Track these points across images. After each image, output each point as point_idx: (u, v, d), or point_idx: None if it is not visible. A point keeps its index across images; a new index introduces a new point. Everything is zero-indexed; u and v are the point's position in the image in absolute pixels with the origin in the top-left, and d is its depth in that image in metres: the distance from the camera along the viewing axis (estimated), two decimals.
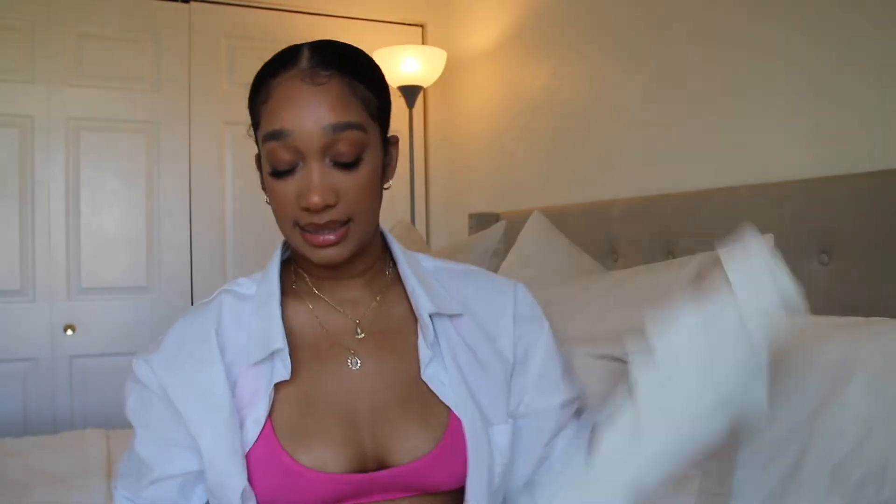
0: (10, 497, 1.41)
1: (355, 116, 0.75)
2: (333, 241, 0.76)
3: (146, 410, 0.80)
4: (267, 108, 0.75)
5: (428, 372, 0.81)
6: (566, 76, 2.17)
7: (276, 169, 0.75)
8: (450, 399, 0.80)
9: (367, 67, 0.80)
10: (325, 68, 0.75)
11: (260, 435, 0.76)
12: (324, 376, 0.80)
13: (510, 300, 0.88)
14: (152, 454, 0.79)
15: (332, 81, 0.74)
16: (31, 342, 2.44)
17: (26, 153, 2.43)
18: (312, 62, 0.75)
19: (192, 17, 2.63)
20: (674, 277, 1.01)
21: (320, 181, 0.74)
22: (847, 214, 1.19)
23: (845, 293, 1.20)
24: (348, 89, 0.75)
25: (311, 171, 0.74)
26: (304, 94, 0.73)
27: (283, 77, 0.75)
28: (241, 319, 0.82)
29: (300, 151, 0.74)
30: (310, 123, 0.73)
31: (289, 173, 0.75)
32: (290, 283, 0.87)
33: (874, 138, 1.23)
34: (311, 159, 0.74)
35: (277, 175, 0.75)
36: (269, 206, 0.80)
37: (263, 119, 0.76)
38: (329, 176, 0.74)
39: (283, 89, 0.74)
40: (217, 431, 0.76)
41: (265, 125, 0.76)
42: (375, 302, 0.86)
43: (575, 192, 2.11)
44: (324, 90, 0.74)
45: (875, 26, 1.23)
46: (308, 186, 0.74)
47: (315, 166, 0.74)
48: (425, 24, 2.97)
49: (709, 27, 1.60)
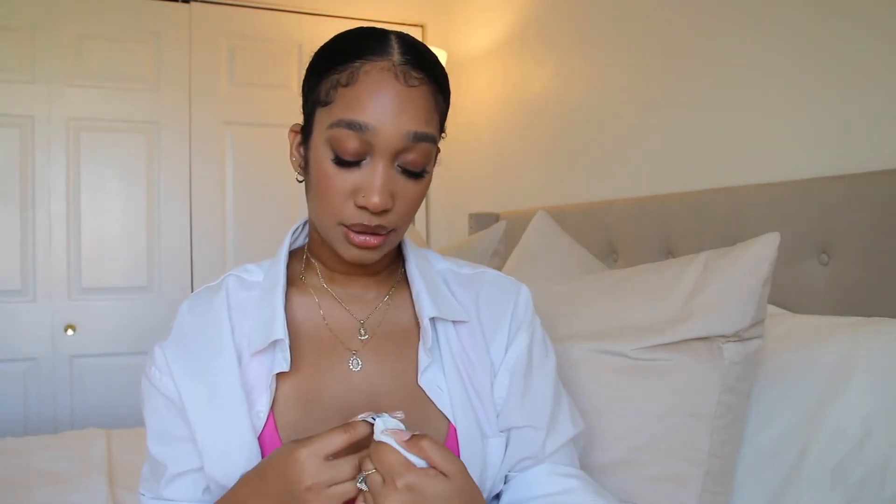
0: (10, 497, 1.41)
1: (433, 128, 0.73)
2: (373, 245, 0.74)
3: (153, 407, 0.80)
4: (349, 93, 0.70)
5: (425, 378, 0.79)
6: (566, 76, 2.17)
7: (342, 158, 0.71)
8: (447, 406, 0.79)
9: (446, 78, 0.77)
10: (416, 69, 0.71)
11: (264, 428, 0.75)
12: (325, 374, 0.80)
13: (510, 304, 0.86)
14: (163, 452, 0.79)
15: (422, 87, 0.72)
16: (31, 342, 2.45)
17: (26, 153, 2.43)
18: (405, 58, 0.71)
19: (192, 17, 2.63)
20: (677, 275, 1.01)
21: (385, 183, 0.71)
22: (847, 214, 1.19)
23: (845, 293, 1.20)
24: (433, 99, 0.73)
25: (377, 170, 0.71)
26: (395, 93, 0.70)
27: (373, 65, 0.70)
28: (245, 307, 0.81)
29: (373, 147, 0.70)
30: (394, 125, 0.70)
31: (353, 165, 0.71)
32: (298, 273, 0.85)
33: (874, 138, 1.23)
34: (382, 158, 0.71)
35: (340, 164, 0.71)
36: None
37: (340, 102, 0.71)
38: (393, 180, 0.72)
39: (371, 80, 0.70)
40: (227, 417, 0.75)
41: (342, 110, 0.70)
42: (383, 302, 0.84)
43: (575, 192, 2.11)
44: (414, 94, 0.71)
45: (875, 26, 1.23)
46: (371, 185, 0.71)
47: (383, 166, 0.71)
48: (425, 24, 2.97)
49: (709, 28, 1.60)
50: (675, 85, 1.70)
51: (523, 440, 0.82)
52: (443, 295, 0.83)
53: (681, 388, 0.94)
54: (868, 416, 0.90)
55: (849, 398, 0.91)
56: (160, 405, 0.79)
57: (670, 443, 0.94)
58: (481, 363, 0.82)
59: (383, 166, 0.71)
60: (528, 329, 0.86)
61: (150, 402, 0.80)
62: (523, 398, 0.83)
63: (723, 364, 0.92)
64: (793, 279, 1.27)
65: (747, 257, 0.93)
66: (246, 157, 2.72)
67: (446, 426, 0.78)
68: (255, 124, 2.70)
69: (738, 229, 1.39)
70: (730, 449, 0.94)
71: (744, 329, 0.91)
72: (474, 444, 0.78)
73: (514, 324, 0.85)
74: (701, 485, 0.92)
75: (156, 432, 0.80)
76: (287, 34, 2.77)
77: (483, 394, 0.81)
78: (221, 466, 0.75)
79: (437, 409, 0.79)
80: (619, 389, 0.97)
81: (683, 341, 0.95)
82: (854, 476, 0.88)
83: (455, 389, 0.79)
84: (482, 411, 0.81)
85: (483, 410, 0.81)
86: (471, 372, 0.82)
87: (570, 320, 1.05)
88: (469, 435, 0.78)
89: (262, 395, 0.76)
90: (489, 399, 0.82)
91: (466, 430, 0.78)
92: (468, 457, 0.77)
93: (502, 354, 0.84)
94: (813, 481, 0.90)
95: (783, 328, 1.07)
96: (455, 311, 0.83)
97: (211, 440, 0.76)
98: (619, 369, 0.99)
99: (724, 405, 0.92)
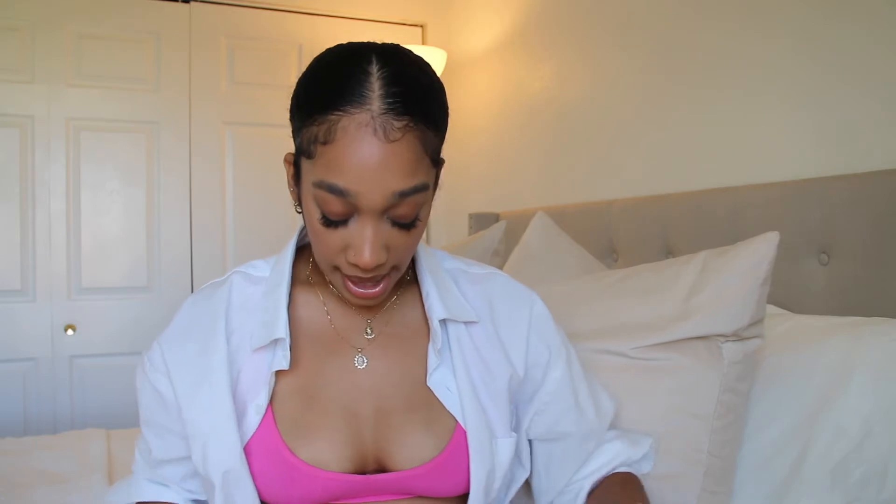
0: (10, 497, 1.41)
1: (423, 176, 0.68)
2: (375, 294, 0.73)
3: (144, 396, 0.82)
4: (326, 152, 0.66)
5: (434, 379, 0.79)
6: (566, 76, 2.17)
7: (328, 219, 0.69)
8: (456, 408, 0.79)
9: (439, 102, 0.71)
10: (398, 115, 0.65)
11: (261, 423, 0.76)
12: (328, 371, 0.79)
13: (526, 314, 0.85)
14: (149, 437, 0.83)
15: (405, 137, 0.65)
16: (31, 342, 2.45)
17: (26, 153, 2.43)
18: (386, 104, 0.65)
19: (192, 17, 2.63)
20: (676, 274, 1.01)
21: (374, 241, 0.68)
22: (847, 214, 1.19)
23: (845, 293, 1.20)
24: (420, 146, 0.67)
25: (365, 229, 0.68)
26: (374, 153, 0.64)
27: (351, 119, 0.64)
28: (249, 303, 0.81)
29: (358, 208, 0.67)
30: (376, 188, 0.65)
31: (340, 224, 0.69)
32: (304, 271, 0.84)
33: (874, 138, 1.23)
34: (368, 217, 0.68)
35: (328, 223, 0.69)
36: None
37: (320, 160, 0.67)
38: (384, 234, 0.69)
39: (349, 139, 0.64)
40: (213, 415, 0.76)
41: (321, 170, 0.66)
42: (391, 302, 0.84)
43: (575, 192, 2.11)
44: (396, 150, 0.65)
45: (875, 26, 1.23)
46: (360, 244, 0.68)
47: (371, 224, 0.68)
48: (425, 24, 2.97)
49: (709, 28, 1.60)
50: (675, 85, 1.70)
51: (583, 436, 0.88)
52: (453, 296, 0.83)
53: (680, 388, 0.94)
54: (868, 416, 0.90)
55: (849, 398, 0.91)
56: (150, 398, 0.82)
57: (670, 442, 0.94)
58: (497, 364, 0.82)
59: (371, 224, 0.68)
60: (558, 351, 0.87)
61: (143, 391, 0.83)
62: (577, 409, 0.87)
63: (722, 364, 0.92)
64: (793, 279, 1.27)
65: (746, 256, 0.92)
66: (246, 157, 2.72)
67: (453, 425, 0.78)
68: (255, 124, 2.70)
69: (738, 229, 1.39)
70: (729, 449, 0.94)
71: (743, 328, 0.91)
72: (483, 445, 0.78)
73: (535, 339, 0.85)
74: (700, 485, 0.92)
75: (144, 419, 0.84)
76: (287, 34, 2.77)
77: (496, 394, 0.81)
78: (203, 461, 0.76)
79: (443, 408, 0.79)
80: (618, 389, 0.97)
81: (682, 340, 0.95)
82: (854, 476, 0.88)
83: (465, 390, 0.79)
84: (494, 411, 0.81)
85: (495, 410, 0.81)
86: (483, 372, 0.81)
87: (569, 320, 1.05)
88: (479, 436, 0.78)
89: (262, 391, 0.76)
90: (503, 399, 0.82)
91: (476, 431, 0.78)
92: (477, 457, 0.77)
93: (523, 360, 0.84)
94: (813, 481, 0.90)
95: (783, 328, 1.07)
96: (465, 311, 0.82)
97: (198, 434, 0.77)
98: (619, 369, 0.99)
99: (724, 405, 0.92)
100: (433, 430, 0.78)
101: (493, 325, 0.84)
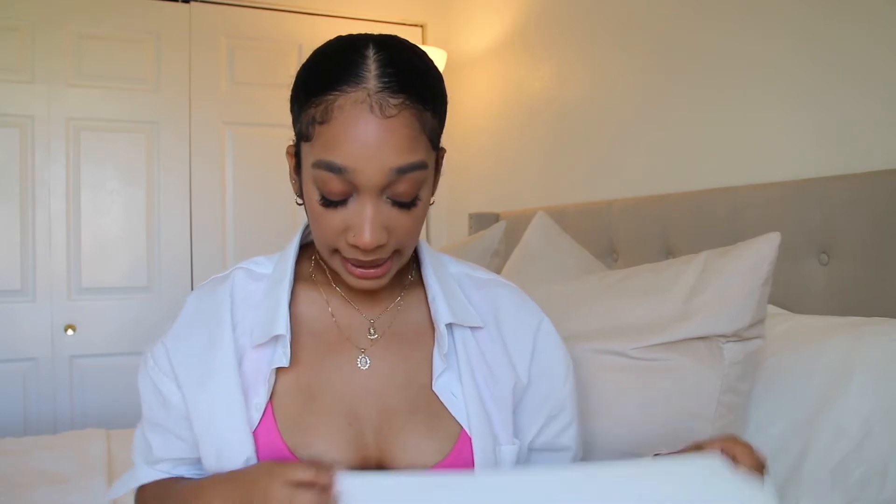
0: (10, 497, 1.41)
1: (421, 154, 0.68)
2: (376, 276, 0.73)
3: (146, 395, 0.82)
4: (324, 131, 0.67)
5: (439, 383, 0.78)
6: (566, 76, 2.17)
7: (327, 199, 0.69)
8: (461, 414, 0.78)
9: (436, 86, 0.72)
10: (394, 93, 0.66)
11: (261, 421, 0.75)
12: (329, 370, 0.79)
13: (534, 323, 0.85)
14: (151, 434, 0.83)
15: (402, 114, 0.66)
16: (31, 342, 2.44)
17: (26, 153, 2.43)
18: (381, 82, 0.66)
19: (192, 17, 2.63)
20: (676, 275, 1.01)
21: (374, 220, 0.68)
22: (847, 214, 1.19)
23: (845, 293, 1.20)
24: (418, 123, 0.68)
25: (365, 208, 0.68)
26: (370, 130, 0.65)
27: (347, 97, 0.65)
28: (251, 299, 0.81)
29: (357, 186, 0.67)
30: (374, 164, 0.66)
31: (339, 204, 0.69)
32: (307, 269, 0.84)
33: (874, 138, 1.23)
34: (368, 195, 0.68)
35: (328, 204, 0.69)
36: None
37: (318, 141, 0.67)
38: (384, 214, 0.69)
39: (346, 116, 0.65)
40: (222, 408, 0.75)
41: (320, 150, 0.67)
42: (395, 302, 0.83)
43: (575, 192, 2.11)
44: (393, 126, 0.66)
45: (875, 26, 1.23)
46: (360, 224, 0.68)
47: (370, 203, 0.68)
48: (425, 24, 2.97)
49: (709, 28, 1.60)
50: (675, 85, 1.70)
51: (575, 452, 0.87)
52: (459, 300, 0.82)
53: (681, 388, 0.94)
54: (868, 416, 0.90)
55: (849, 398, 0.91)
56: (152, 397, 0.81)
57: (670, 442, 0.94)
58: (502, 371, 0.82)
59: (371, 203, 0.68)
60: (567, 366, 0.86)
61: (145, 389, 0.82)
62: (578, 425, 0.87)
63: (723, 364, 0.92)
64: (793, 279, 1.27)
65: (747, 257, 0.93)
66: (246, 156, 2.72)
67: (457, 431, 0.77)
68: (255, 124, 2.70)
69: (738, 229, 1.39)
70: None
71: (743, 328, 0.91)
72: (488, 452, 0.77)
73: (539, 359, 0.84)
74: None
75: (145, 416, 0.83)
76: (287, 34, 2.77)
77: (500, 400, 0.81)
78: (217, 460, 0.75)
79: (447, 413, 0.78)
80: (618, 389, 0.97)
81: (683, 341, 0.95)
82: (854, 476, 0.88)
83: (470, 396, 0.78)
84: (498, 418, 0.80)
85: (499, 417, 0.80)
86: (488, 378, 0.81)
87: (569, 320, 1.05)
88: (483, 443, 0.77)
89: (261, 388, 0.76)
90: (506, 406, 0.81)
91: (481, 438, 0.77)
92: (482, 464, 0.77)
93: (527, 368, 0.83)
94: (813, 481, 0.90)
95: (783, 328, 1.07)
96: (471, 316, 0.82)
97: (208, 433, 0.76)
98: (620, 369, 0.99)
99: (725, 405, 0.92)
100: (436, 434, 0.77)
101: (499, 330, 0.83)
